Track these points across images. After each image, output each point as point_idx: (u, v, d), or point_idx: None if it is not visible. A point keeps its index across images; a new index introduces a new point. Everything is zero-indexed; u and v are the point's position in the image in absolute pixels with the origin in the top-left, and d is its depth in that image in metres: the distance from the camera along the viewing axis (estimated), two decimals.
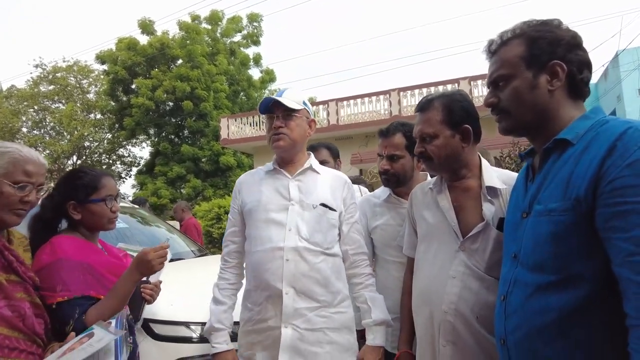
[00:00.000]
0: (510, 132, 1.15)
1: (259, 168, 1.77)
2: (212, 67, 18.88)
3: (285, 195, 1.63)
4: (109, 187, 1.57)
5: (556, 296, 0.94)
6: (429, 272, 1.46)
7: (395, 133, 1.85)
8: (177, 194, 17.99)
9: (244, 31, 21.34)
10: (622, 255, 0.83)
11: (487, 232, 1.35)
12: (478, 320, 1.32)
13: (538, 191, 1.05)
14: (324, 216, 1.63)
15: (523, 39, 1.07)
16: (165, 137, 19.92)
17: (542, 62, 1.03)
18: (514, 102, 1.08)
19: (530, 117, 1.07)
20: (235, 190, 1.75)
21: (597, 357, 0.90)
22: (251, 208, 1.64)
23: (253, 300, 1.59)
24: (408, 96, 13.30)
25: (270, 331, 1.54)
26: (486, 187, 1.41)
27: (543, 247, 0.98)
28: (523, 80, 1.06)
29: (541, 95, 1.04)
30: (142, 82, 18.58)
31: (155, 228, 3.76)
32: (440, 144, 1.42)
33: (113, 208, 1.56)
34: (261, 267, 1.56)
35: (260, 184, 1.69)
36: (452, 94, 1.48)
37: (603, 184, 0.87)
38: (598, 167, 0.89)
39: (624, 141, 0.87)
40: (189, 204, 6.41)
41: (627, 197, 0.83)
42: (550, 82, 1.03)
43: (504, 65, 1.09)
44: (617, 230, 0.84)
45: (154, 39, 19.37)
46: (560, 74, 1.02)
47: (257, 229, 1.61)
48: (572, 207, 0.92)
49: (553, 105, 1.04)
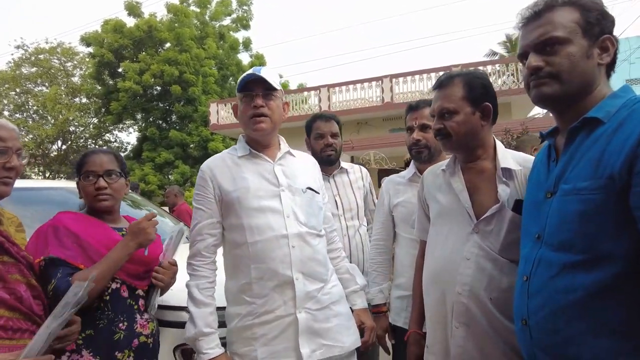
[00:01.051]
0: (551, 100, 1.07)
1: (225, 152, 1.66)
2: (201, 51, 18.56)
3: (274, 181, 1.59)
4: (91, 163, 1.57)
5: (583, 276, 0.92)
6: (441, 253, 1.45)
7: (424, 107, 1.92)
8: (165, 180, 17.79)
9: (234, 15, 21.00)
10: None
11: (502, 213, 1.34)
12: (492, 302, 1.31)
13: (564, 171, 1.02)
14: (312, 200, 1.66)
15: (576, 7, 1.03)
16: (152, 122, 19.61)
17: (595, 34, 1.01)
18: (567, 68, 1.01)
19: (576, 87, 1.03)
20: (205, 177, 1.58)
21: (623, 338, 0.89)
22: (239, 196, 1.54)
23: (254, 293, 1.51)
24: (400, 83, 13.24)
25: (278, 321, 1.50)
26: (501, 168, 1.38)
27: (570, 226, 0.96)
28: (580, 47, 1.01)
29: (592, 67, 1.02)
30: (129, 66, 18.17)
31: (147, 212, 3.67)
32: (460, 121, 1.39)
33: (96, 185, 1.54)
34: (266, 257, 1.50)
35: (239, 170, 1.58)
36: (472, 72, 1.46)
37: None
38: (636, 143, 0.87)
39: None
40: (182, 189, 6.27)
41: None
42: (600, 56, 1.02)
43: (558, 28, 1.02)
44: None
45: (142, 22, 18.91)
46: (611, 49, 1.02)
47: (252, 218, 1.52)
48: (604, 186, 0.90)
49: (597, 79, 1.03)
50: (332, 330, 1.56)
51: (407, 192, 2.00)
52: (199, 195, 1.59)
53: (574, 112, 1.04)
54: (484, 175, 1.43)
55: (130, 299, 1.57)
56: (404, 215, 1.97)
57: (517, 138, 7.47)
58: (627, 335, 0.89)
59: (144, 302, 1.62)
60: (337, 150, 2.30)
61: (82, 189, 1.58)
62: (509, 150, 1.50)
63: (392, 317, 2.01)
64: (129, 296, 1.56)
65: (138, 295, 1.60)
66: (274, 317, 1.49)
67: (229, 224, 1.56)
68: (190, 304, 1.53)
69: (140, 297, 1.61)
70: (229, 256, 1.60)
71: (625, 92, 1.00)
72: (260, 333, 1.49)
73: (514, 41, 20.63)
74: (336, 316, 1.59)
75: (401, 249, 2.03)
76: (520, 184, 1.36)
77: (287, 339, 1.49)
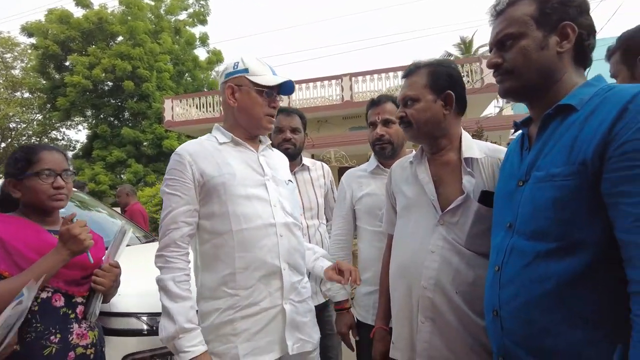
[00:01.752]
0: (512, 94, 1.10)
1: (201, 139, 1.57)
2: (156, 45, 17.91)
3: (259, 171, 1.54)
4: (48, 160, 1.46)
5: (556, 264, 0.91)
6: (407, 246, 1.43)
7: (386, 101, 1.95)
8: (117, 180, 17.03)
9: (190, 9, 20.43)
10: (630, 220, 0.81)
11: (467, 205, 1.33)
12: (458, 295, 1.29)
13: (537, 158, 1.01)
14: (293, 192, 1.66)
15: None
16: (104, 119, 18.71)
17: (553, 23, 1.01)
18: (521, 62, 1.04)
19: (535, 79, 1.04)
20: (182, 161, 1.45)
21: (595, 327, 0.88)
22: (225, 182, 1.44)
23: (239, 284, 1.41)
24: (360, 82, 13.36)
25: (263, 313, 1.43)
26: (464, 158, 1.38)
27: (544, 213, 0.95)
28: (532, 40, 1.02)
29: (549, 57, 1.01)
30: (78, 59, 17.23)
31: (96, 213, 3.44)
32: (420, 108, 1.39)
33: (55, 184, 1.45)
34: (253, 246, 1.43)
35: (222, 156, 1.50)
36: (439, 61, 1.45)
37: (612, 147, 0.85)
38: (608, 130, 0.86)
39: (637, 103, 0.85)
40: (134, 188, 5.96)
41: (637, 161, 0.81)
42: (560, 44, 1.01)
43: (512, 24, 1.05)
44: (626, 195, 0.82)
45: (91, 13, 17.98)
46: (571, 35, 1.00)
47: (239, 205, 1.44)
48: (577, 172, 0.89)
49: (559, 68, 1.02)
50: (307, 325, 1.54)
51: (371, 184, 1.98)
52: (173, 180, 1.45)
53: (545, 102, 1.04)
54: (449, 166, 1.41)
55: (66, 308, 1.42)
56: (369, 207, 1.95)
57: (472, 136, 7.75)
58: (599, 324, 0.88)
59: (84, 309, 1.48)
60: (297, 145, 2.25)
61: (32, 188, 1.44)
62: (477, 140, 1.49)
63: (362, 315, 1.97)
64: (64, 304, 1.42)
65: (76, 302, 1.46)
66: (258, 310, 1.42)
67: (209, 212, 1.45)
68: (165, 299, 1.37)
69: (79, 304, 1.47)
70: (205, 247, 1.47)
71: (598, 81, 1.00)
72: (242, 328, 1.40)
73: (468, 43, 21.41)
74: (310, 311, 1.58)
75: (364, 243, 2.00)
76: (486, 173, 1.36)
77: (270, 333, 1.43)
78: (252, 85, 1.52)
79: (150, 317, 1.90)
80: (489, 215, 1.25)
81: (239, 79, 1.53)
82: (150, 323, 1.89)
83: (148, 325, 1.90)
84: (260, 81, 1.52)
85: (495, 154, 1.39)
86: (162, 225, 1.44)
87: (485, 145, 1.45)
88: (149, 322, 1.89)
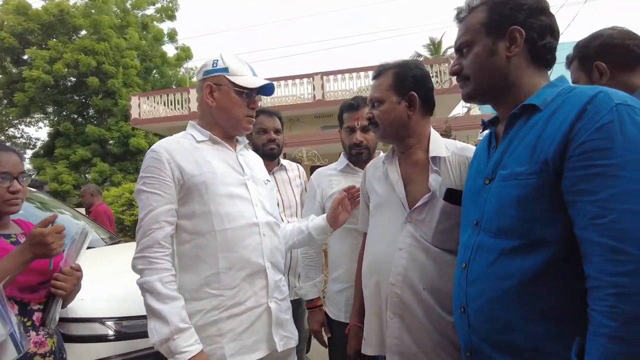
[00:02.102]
0: (472, 98, 1.15)
1: (177, 136, 1.51)
2: (122, 40, 17.38)
3: (239, 170, 1.53)
4: (3, 163, 1.42)
5: (520, 261, 0.94)
6: (377, 244, 1.47)
7: (364, 106, 1.91)
8: (82, 180, 16.44)
9: (158, 4, 19.92)
10: (588, 218, 0.83)
11: (433, 202, 1.36)
12: (425, 291, 1.32)
13: (502, 157, 1.04)
14: (272, 191, 1.67)
15: (486, 6, 1.07)
16: (67, 117, 18.01)
17: (501, 28, 1.04)
18: (474, 68, 1.09)
19: (489, 83, 1.08)
20: (160, 158, 1.40)
21: (553, 323, 0.91)
22: (206, 180, 1.41)
23: (223, 284, 1.38)
24: (331, 80, 13.39)
25: (248, 312, 1.41)
26: (431, 157, 1.41)
27: (508, 211, 0.97)
28: (483, 47, 1.07)
29: (500, 61, 1.05)
30: (37, 53, 16.50)
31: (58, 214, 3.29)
32: (385, 109, 1.44)
33: (11, 188, 1.40)
34: (237, 245, 1.41)
35: (201, 154, 1.46)
36: (405, 62, 1.48)
37: (572, 146, 0.87)
38: (568, 130, 0.88)
39: (595, 104, 0.87)
40: (99, 188, 5.73)
41: (595, 160, 0.83)
42: (509, 48, 1.04)
43: (466, 32, 1.10)
44: (584, 193, 0.84)
45: (51, 4, 17.22)
46: (518, 39, 1.02)
47: (221, 205, 1.41)
48: (539, 171, 0.92)
49: (512, 71, 1.05)
50: (289, 322, 1.57)
51: (342, 182, 1.99)
52: (153, 178, 1.38)
53: (507, 103, 1.08)
54: (418, 165, 1.45)
55: (21, 315, 1.35)
56: None
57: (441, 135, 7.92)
58: (559, 319, 0.91)
59: (42, 315, 1.41)
60: (280, 145, 2.31)
61: None
62: (447, 139, 1.53)
63: (334, 312, 1.98)
64: (18, 313, 1.35)
65: (32, 309, 1.40)
66: (244, 309, 1.40)
67: (190, 211, 1.41)
68: (154, 301, 1.31)
69: (36, 311, 1.41)
70: (184, 247, 1.41)
71: (561, 82, 1.03)
72: (227, 328, 1.38)
73: (437, 44, 21.85)
74: (289, 309, 1.59)
75: (334, 240, 2.00)
76: (453, 171, 1.39)
77: (256, 332, 1.43)
78: (231, 85, 1.49)
79: (116, 322, 1.84)
80: (454, 213, 1.29)
81: (218, 78, 1.50)
82: (115, 328, 1.83)
83: (113, 331, 1.84)
84: (241, 82, 1.49)
85: (463, 153, 1.43)
86: (141, 226, 1.37)
87: (453, 144, 1.48)
88: (114, 327, 1.83)
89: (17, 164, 1.44)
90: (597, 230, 0.81)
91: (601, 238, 0.80)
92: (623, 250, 0.77)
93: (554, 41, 1.05)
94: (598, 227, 0.81)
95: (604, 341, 0.78)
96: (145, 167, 1.41)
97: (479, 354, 1.04)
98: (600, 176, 0.82)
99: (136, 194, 1.42)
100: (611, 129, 0.83)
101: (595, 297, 0.81)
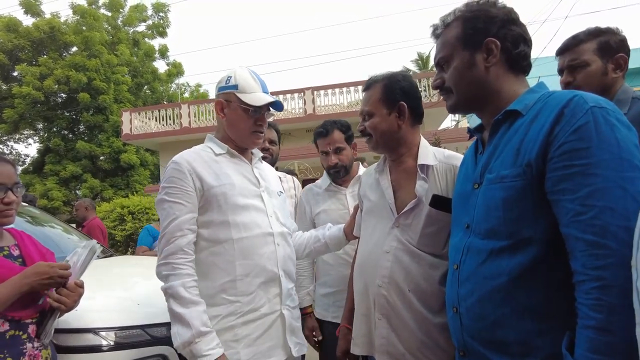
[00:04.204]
0: (457, 109, 1.19)
1: (196, 148, 1.58)
2: (113, 57, 17.42)
3: (254, 182, 1.60)
4: None
5: (507, 260, 0.97)
6: (366, 247, 1.52)
7: (333, 130, 2.13)
8: (72, 196, 16.29)
9: (149, 21, 20.04)
10: (570, 215, 0.87)
11: (419, 208, 1.41)
12: (410, 292, 1.36)
13: (489, 161, 1.08)
14: (284, 203, 1.74)
15: (460, 21, 1.12)
16: (57, 133, 17.89)
17: (477, 41, 1.08)
18: (456, 81, 1.13)
19: (471, 94, 1.13)
20: (182, 169, 1.46)
21: (541, 319, 0.94)
22: (225, 192, 1.48)
23: (239, 290, 1.44)
24: (322, 95, 13.54)
25: (263, 319, 1.47)
26: (419, 165, 1.46)
27: (495, 213, 1.01)
28: (461, 60, 1.11)
29: (479, 72, 1.09)
30: (27, 69, 16.46)
31: (49, 228, 3.28)
32: (376, 121, 1.48)
33: (5, 199, 1.40)
34: (254, 253, 1.48)
35: (220, 166, 1.54)
36: (393, 74, 1.53)
37: (553, 148, 0.91)
38: (548, 133, 0.92)
39: (571, 107, 0.91)
40: (94, 202, 5.69)
41: (573, 160, 0.87)
42: (486, 59, 1.08)
43: (443, 48, 1.15)
44: (565, 192, 0.88)
45: (42, 21, 17.26)
46: (495, 50, 1.07)
47: (238, 215, 1.48)
48: (523, 173, 0.95)
49: (492, 80, 1.09)
50: (300, 330, 1.63)
51: (327, 200, 2.18)
52: (175, 188, 1.44)
53: (489, 110, 1.12)
54: (407, 172, 1.50)
55: (13, 330, 1.35)
56: (327, 221, 2.05)
57: None
58: (545, 316, 0.94)
59: (37, 328, 1.41)
60: (273, 156, 2.37)
61: None
62: (436, 148, 1.58)
63: (320, 313, 2.14)
64: (9, 327, 1.35)
65: (25, 323, 1.39)
66: (259, 315, 1.46)
67: (208, 220, 1.47)
68: (176, 305, 1.36)
69: (30, 325, 1.40)
70: (201, 255, 1.47)
71: (541, 88, 1.08)
72: (243, 334, 1.43)
73: (425, 59, 22.22)
74: (299, 317, 1.66)
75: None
76: (440, 179, 1.44)
77: (271, 338, 1.48)
78: (239, 102, 1.55)
79: (110, 332, 1.84)
80: (439, 218, 1.35)
81: (228, 95, 1.57)
82: (109, 338, 1.83)
83: (107, 341, 1.83)
84: (248, 100, 1.54)
85: (450, 161, 1.47)
86: (165, 233, 1.43)
87: (441, 153, 1.53)
88: (108, 337, 1.83)
89: (11, 174, 1.45)
90: (579, 227, 0.85)
91: (583, 234, 0.84)
92: (604, 245, 0.81)
93: (527, 48, 1.10)
94: (580, 224, 0.85)
95: (591, 333, 0.81)
96: (168, 177, 1.47)
97: (471, 353, 1.06)
98: (579, 175, 0.86)
99: (158, 204, 1.47)
100: (587, 130, 0.87)
101: (581, 291, 0.85)
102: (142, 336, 1.87)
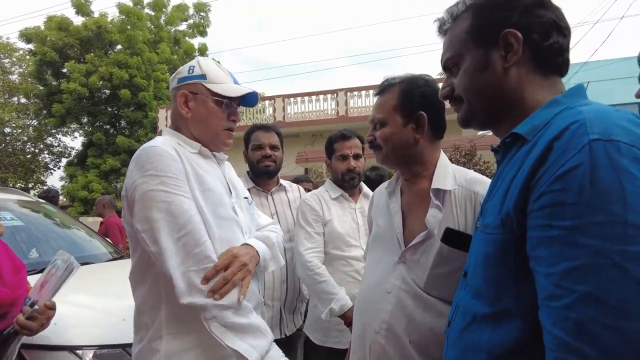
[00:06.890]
0: (469, 124, 0.91)
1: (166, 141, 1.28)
2: (154, 55, 17.89)
3: (227, 189, 1.36)
4: None
5: (489, 333, 0.76)
6: (367, 282, 1.31)
7: (354, 136, 2.15)
8: (111, 188, 16.85)
9: (190, 20, 20.50)
10: (542, 297, 0.63)
11: (430, 242, 1.17)
12: (412, 344, 1.14)
13: (488, 198, 0.85)
14: (252, 210, 1.55)
15: (471, 11, 0.86)
16: (99, 127, 18.58)
17: (492, 34, 0.81)
18: (466, 88, 0.87)
19: (483, 103, 0.86)
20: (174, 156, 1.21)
21: None
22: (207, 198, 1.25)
23: None
24: (355, 97, 13.34)
25: None
26: (432, 189, 1.21)
27: (478, 270, 0.81)
28: (472, 60, 0.84)
29: (495, 76, 0.82)
30: (75, 67, 17.16)
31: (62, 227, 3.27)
32: (388, 132, 1.25)
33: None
34: None
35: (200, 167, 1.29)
36: (413, 77, 1.28)
37: (532, 198, 0.66)
38: (529, 175, 0.67)
39: (563, 140, 0.64)
40: (114, 200, 5.76)
41: (552, 220, 0.62)
42: (505, 58, 0.81)
43: (451, 46, 0.89)
44: (541, 262, 0.64)
45: (90, 21, 17.98)
46: (515, 45, 0.79)
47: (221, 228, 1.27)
48: (502, 225, 0.72)
49: (512, 85, 0.81)
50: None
51: (338, 211, 2.12)
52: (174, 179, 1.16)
53: (508, 127, 0.83)
54: (421, 196, 1.25)
55: None
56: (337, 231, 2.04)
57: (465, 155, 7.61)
58: None
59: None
60: (277, 162, 2.22)
61: None
62: (460, 168, 1.32)
63: (319, 339, 1.98)
64: None
65: None
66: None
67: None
68: (236, 317, 1.14)
69: None
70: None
71: (569, 97, 0.77)
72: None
73: None
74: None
75: (329, 267, 1.99)
76: (457, 207, 1.17)
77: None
78: (209, 94, 1.31)
79: (86, 350, 1.74)
80: (452, 256, 1.11)
81: (195, 86, 1.32)
82: (85, 357, 1.72)
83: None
84: (220, 90, 1.31)
85: (472, 186, 1.21)
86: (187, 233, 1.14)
87: (463, 175, 1.26)
88: (85, 356, 1.72)
89: None
90: (550, 315, 0.61)
91: (552, 327, 0.61)
92: (576, 349, 0.57)
93: (562, 39, 0.80)
94: (551, 312, 0.61)
95: None
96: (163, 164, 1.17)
97: None
98: (558, 242, 0.61)
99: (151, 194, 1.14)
100: (576, 177, 0.60)
101: None
102: (121, 357, 1.76)
